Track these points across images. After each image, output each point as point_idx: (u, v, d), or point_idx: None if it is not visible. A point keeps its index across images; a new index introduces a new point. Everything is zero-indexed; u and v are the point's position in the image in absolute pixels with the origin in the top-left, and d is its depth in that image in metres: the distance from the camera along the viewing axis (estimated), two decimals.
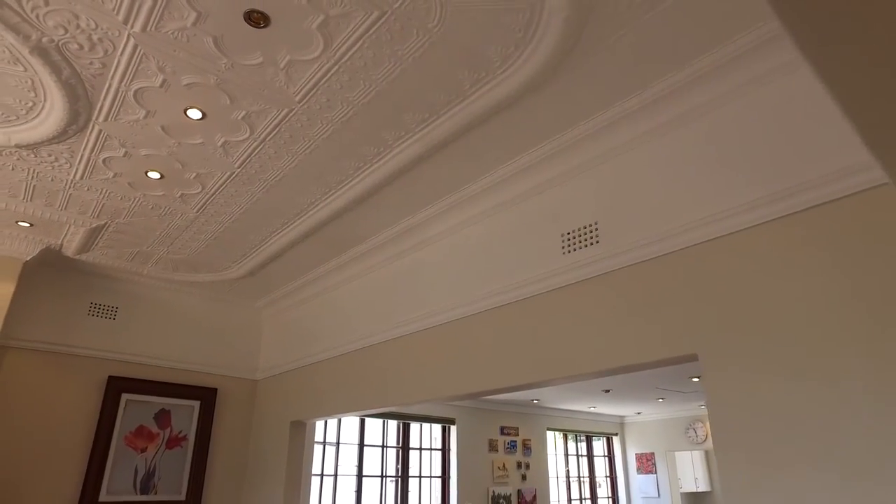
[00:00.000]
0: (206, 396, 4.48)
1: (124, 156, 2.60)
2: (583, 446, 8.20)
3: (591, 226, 2.37)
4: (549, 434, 7.48)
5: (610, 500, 8.26)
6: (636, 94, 2.06)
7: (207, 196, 2.97)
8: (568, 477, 7.76)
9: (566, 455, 7.85)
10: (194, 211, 3.14)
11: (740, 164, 1.90)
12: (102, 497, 3.89)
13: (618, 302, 2.21)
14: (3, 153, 2.57)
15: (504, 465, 6.56)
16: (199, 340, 4.54)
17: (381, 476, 5.64)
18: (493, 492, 6.36)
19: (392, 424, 5.88)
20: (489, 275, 2.80)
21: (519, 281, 2.62)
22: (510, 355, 2.62)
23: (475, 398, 2.97)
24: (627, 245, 2.20)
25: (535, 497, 6.80)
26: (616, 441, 8.53)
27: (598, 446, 8.47)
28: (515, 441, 6.82)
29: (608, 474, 8.42)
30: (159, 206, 3.10)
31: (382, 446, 5.74)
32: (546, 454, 7.20)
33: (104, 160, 2.64)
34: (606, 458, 8.48)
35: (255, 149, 2.52)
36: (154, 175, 2.77)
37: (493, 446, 6.54)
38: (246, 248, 3.64)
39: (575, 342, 2.33)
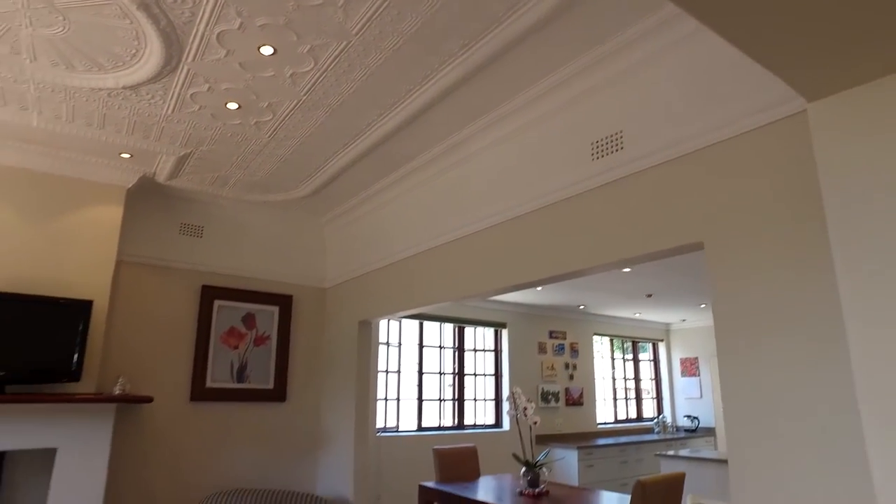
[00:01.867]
0: (283, 302, 5.11)
1: (208, 90, 3.01)
2: (629, 352, 8.66)
3: (616, 134, 2.65)
4: (596, 338, 7.96)
5: (654, 400, 8.80)
6: (655, 12, 2.27)
7: (278, 122, 3.37)
8: (614, 378, 8.30)
9: (612, 358, 8.35)
10: (266, 136, 3.56)
11: (749, 73, 2.12)
12: (208, 384, 4.64)
13: (638, 200, 2.54)
14: (112, 95, 3.04)
15: (552, 366, 7.11)
16: (274, 254, 5.12)
17: (439, 373, 6.28)
18: (542, 388, 6.96)
19: (448, 328, 6.46)
20: (527, 182, 3.14)
21: (553, 186, 2.97)
22: (547, 251, 3.00)
23: (518, 289, 3.37)
24: (648, 150, 2.49)
25: (581, 395, 7.37)
26: (662, 346, 8.94)
27: (645, 352, 8.92)
28: (563, 344, 7.33)
29: (653, 377, 8.91)
30: (236, 134, 3.54)
31: (440, 347, 6.36)
32: (592, 357, 7.70)
33: (191, 95, 3.06)
34: (652, 363, 8.94)
35: (318, 78, 2.87)
36: (232, 106, 3.18)
37: (542, 348, 7.07)
38: (311, 169, 4.08)
39: (601, 237, 2.69)
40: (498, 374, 6.69)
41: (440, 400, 6.19)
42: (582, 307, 7.22)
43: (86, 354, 3.81)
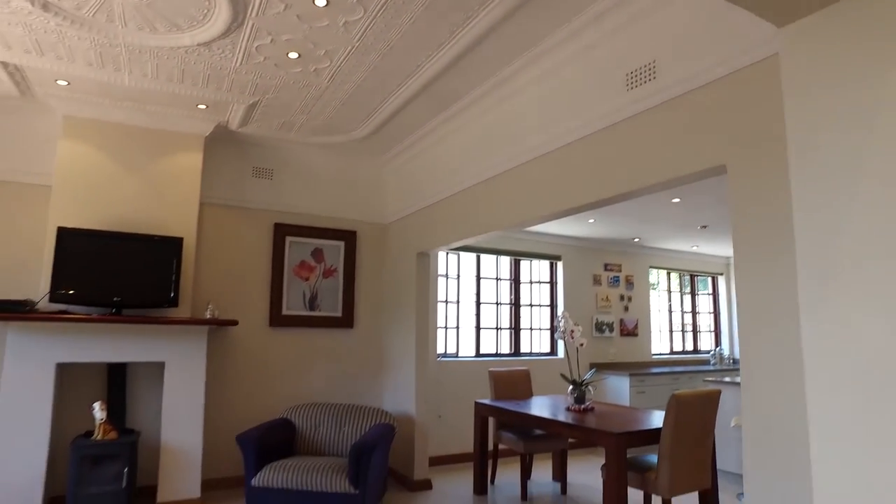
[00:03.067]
0: (348, 237, 5.54)
1: (270, 42, 3.31)
2: (687, 285, 8.68)
3: (650, 64, 2.76)
4: (653, 272, 8.04)
5: (713, 333, 8.85)
6: None
7: (334, 68, 3.65)
8: (670, 311, 8.39)
9: (669, 291, 8.41)
10: (325, 82, 3.85)
11: None
12: (284, 311, 5.19)
13: (668, 127, 2.68)
14: (189, 52, 3.40)
15: (607, 298, 7.30)
16: (339, 193, 5.51)
17: (496, 304, 6.63)
18: (597, 319, 7.19)
19: (505, 261, 6.75)
20: (569, 114, 3.31)
21: (592, 117, 3.13)
22: (588, 179, 3.20)
23: (562, 216, 3.56)
24: (678, 78, 2.61)
25: (636, 326, 7.55)
26: (721, 280, 8.90)
27: (704, 286, 8.91)
28: (618, 276, 7.48)
29: (711, 310, 8.93)
30: (298, 81, 3.85)
31: (496, 279, 6.68)
32: (648, 289, 7.81)
33: (256, 47, 3.37)
34: (710, 296, 8.94)
35: (368, 25, 3.10)
36: (293, 55, 3.47)
37: (596, 280, 7.26)
38: (368, 111, 4.36)
39: (636, 164, 2.86)
40: (553, 305, 6.97)
41: (497, 329, 6.57)
42: (637, 240, 7.30)
43: (180, 284, 4.38)
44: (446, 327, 6.22)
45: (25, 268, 4.30)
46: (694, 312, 8.68)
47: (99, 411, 4.02)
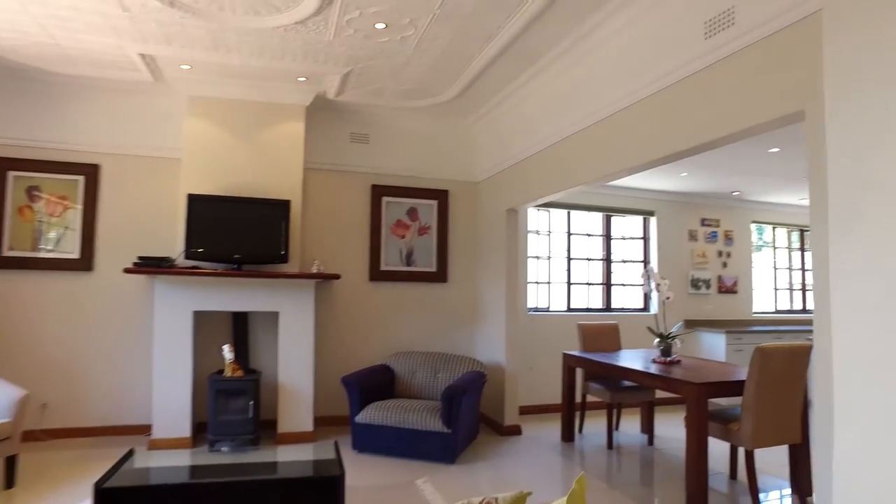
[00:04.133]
0: (441, 197, 5.81)
1: (359, 16, 3.56)
2: (797, 241, 8.14)
3: (728, 10, 2.71)
4: (756, 227, 7.63)
5: None
6: None
7: (419, 35, 3.84)
8: (775, 267, 7.94)
9: (774, 247, 7.95)
10: (411, 49, 4.06)
11: None
12: (382, 267, 5.60)
13: (745, 75, 2.63)
14: (287, 30, 3.74)
15: (704, 254, 7.07)
16: (431, 153, 5.77)
17: (587, 260, 6.68)
18: (692, 275, 7.00)
19: (596, 217, 6.75)
20: (649, 65, 3.30)
21: (669, 68, 3.11)
22: (668, 130, 3.20)
23: (645, 168, 3.55)
24: (756, 23, 2.55)
25: (735, 283, 7.26)
26: None
27: None
28: (717, 231, 7.19)
29: None
30: (386, 50, 4.08)
31: (587, 235, 6.70)
32: (750, 245, 7.44)
33: (346, 21, 3.64)
34: None
35: None
36: (380, 26, 3.71)
37: (692, 236, 7.04)
38: (454, 73, 4.52)
39: (714, 113, 2.83)
40: (646, 261, 6.88)
41: (588, 284, 6.63)
42: (736, 193, 6.95)
43: (290, 242, 4.88)
44: (538, 282, 6.38)
45: (164, 229, 4.99)
46: (803, 270, 8.15)
47: (228, 352, 4.66)
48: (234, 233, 4.74)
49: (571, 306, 6.50)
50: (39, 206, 4.83)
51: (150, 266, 4.50)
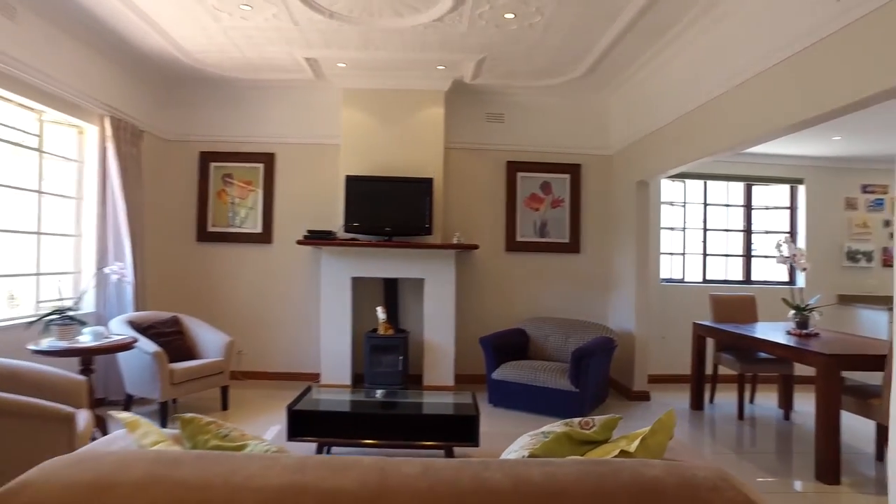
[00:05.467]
0: (573, 171, 6.01)
1: (489, 9, 3.91)
2: None
3: None
4: None
5: None
6: None
7: (546, 20, 4.09)
8: None
9: None
10: (539, 33, 4.32)
11: None
12: (517, 238, 5.97)
13: (883, 32, 2.58)
14: (426, 27, 4.20)
15: (865, 223, 6.45)
16: (563, 129, 5.99)
17: (725, 231, 6.48)
18: (849, 247, 6.45)
19: (736, 187, 6.49)
20: (778, 30, 3.26)
21: (800, 32, 3.07)
22: (801, 96, 3.17)
23: (785, 134, 3.44)
24: None
25: None
26: None
27: None
28: (882, 199, 6.52)
29: None
30: (516, 36, 4.39)
31: (726, 206, 6.49)
32: None
33: (478, 14, 4.00)
34: None
35: None
36: (509, 16, 4.02)
37: (850, 204, 6.45)
38: (582, 51, 4.70)
39: (857, 72, 2.78)
40: (793, 232, 6.49)
41: (726, 256, 6.44)
42: None
43: (433, 216, 5.42)
44: (672, 254, 6.35)
45: (327, 206, 5.79)
46: None
47: (381, 313, 5.36)
48: (385, 208, 5.39)
49: (707, 278, 6.38)
50: (232, 190, 5.87)
51: (317, 238, 5.32)
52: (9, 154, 4.06)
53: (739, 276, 6.45)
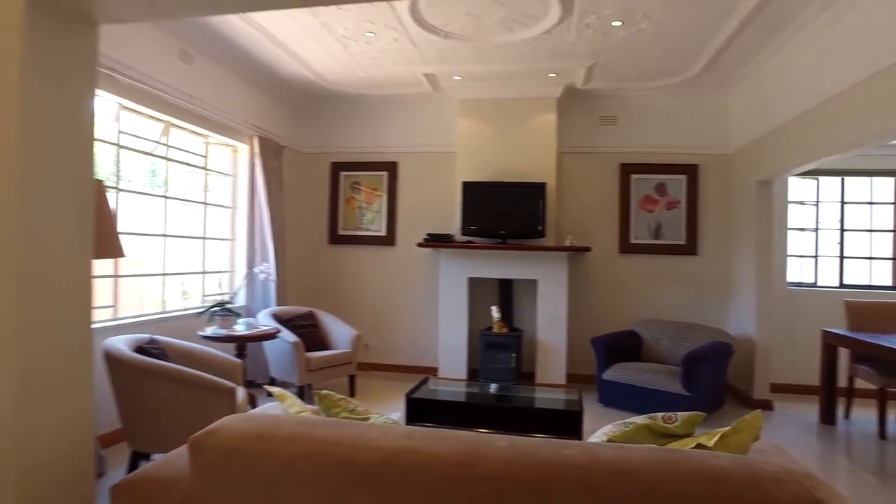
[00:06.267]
0: (690, 171, 5.87)
1: (595, 18, 4.02)
2: None
3: None
4: None
5: None
6: None
7: (654, 25, 4.12)
8: None
9: None
10: (648, 37, 4.34)
11: None
12: (632, 240, 5.95)
13: None
14: (536, 39, 4.39)
15: None
16: (678, 129, 5.87)
17: (869, 231, 5.95)
18: None
19: (884, 182, 5.94)
20: None
21: None
22: None
23: None
24: None
25: None
26: None
27: None
28: None
29: None
30: (624, 42, 4.44)
31: (869, 203, 5.96)
32: None
33: (586, 24, 4.12)
34: None
35: None
36: (616, 23, 4.10)
37: None
38: (695, 51, 4.63)
39: None
40: None
41: (870, 258, 5.91)
42: None
43: (546, 219, 5.59)
44: (802, 256, 5.97)
45: (446, 210, 6.15)
46: None
47: (495, 312, 5.62)
48: (500, 212, 5.64)
49: (845, 282, 5.91)
50: (359, 196, 6.43)
51: (436, 241, 5.70)
52: (182, 173, 4.86)
53: (888, 282, 5.90)
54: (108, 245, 2.60)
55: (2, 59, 1.66)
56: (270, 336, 4.40)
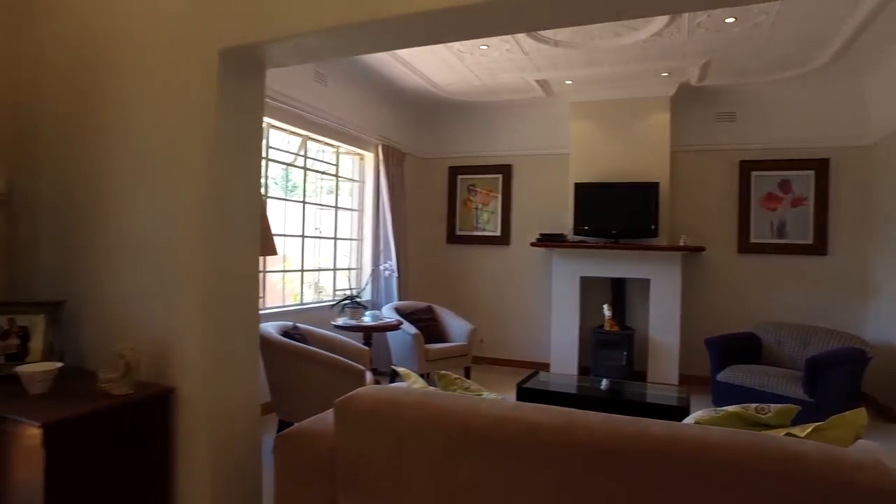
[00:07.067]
0: (819, 166, 5.55)
1: (707, 17, 4.01)
2: None
3: None
4: None
5: None
6: None
7: (772, 18, 4.02)
8: None
9: None
10: (766, 31, 4.23)
11: None
12: (752, 239, 5.75)
13: None
14: (645, 42, 4.45)
15: None
16: (805, 121, 5.58)
17: None
18: None
19: None
20: None
21: None
22: None
23: None
24: None
25: None
26: None
27: None
28: None
29: None
30: (739, 37, 4.36)
31: None
32: None
33: (697, 23, 4.13)
34: None
35: None
36: (729, 20, 4.06)
37: None
38: (822, 39, 4.40)
39: None
40: None
41: None
42: None
43: (659, 219, 5.57)
44: None
45: (557, 211, 6.31)
46: None
47: (607, 311, 5.71)
48: (612, 212, 5.71)
49: None
50: (475, 198, 6.77)
51: (549, 241, 5.89)
52: (316, 180, 5.47)
53: None
54: (266, 245, 3.12)
55: (203, 99, 2.17)
56: (394, 327, 4.85)
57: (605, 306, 5.73)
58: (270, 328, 3.67)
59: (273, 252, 3.23)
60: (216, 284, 2.23)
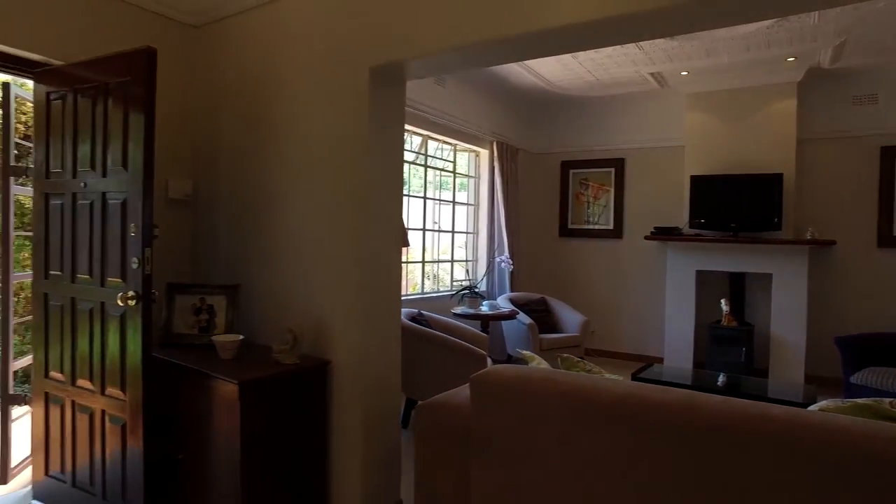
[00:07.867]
0: None
1: None
2: None
3: None
4: None
5: None
6: None
7: None
8: None
9: None
10: None
11: None
12: (894, 233, 5.33)
13: None
14: (769, 27, 4.32)
15: None
16: None
17: None
18: None
19: None
20: None
21: None
22: None
23: None
24: None
25: None
26: None
27: None
28: None
29: None
30: (885, 11, 4.08)
31: None
32: None
33: None
34: None
35: None
36: None
37: None
38: None
39: None
40: None
41: None
42: None
43: (782, 211, 5.34)
44: None
45: (672, 205, 6.21)
46: None
47: (724, 306, 5.57)
48: (730, 205, 5.56)
49: None
50: (587, 192, 6.82)
51: (663, 234, 5.84)
52: (435, 176, 5.82)
53: None
54: (403, 238, 3.47)
55: (358, 112, 2.53)
56: (510, 316, 5.08)
57: (723, 301, 5.59)
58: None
59: (406, 244, 3.57)
60: (365, 273, 2.58)
